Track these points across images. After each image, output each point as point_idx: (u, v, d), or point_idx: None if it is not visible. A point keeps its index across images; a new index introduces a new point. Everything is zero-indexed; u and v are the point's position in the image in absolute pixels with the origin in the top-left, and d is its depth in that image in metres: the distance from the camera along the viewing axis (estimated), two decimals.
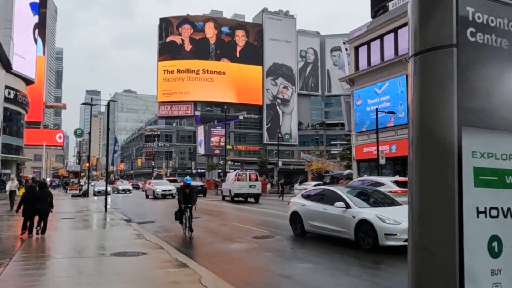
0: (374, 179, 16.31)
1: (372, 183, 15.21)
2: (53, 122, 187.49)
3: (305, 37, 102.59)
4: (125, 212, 19.56)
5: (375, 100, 25.78)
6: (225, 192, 29.41)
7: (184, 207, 11.68)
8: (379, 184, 14.79)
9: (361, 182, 16.62)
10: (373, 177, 17.74)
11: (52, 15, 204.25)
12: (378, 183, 15.01)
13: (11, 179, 20.97)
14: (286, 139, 58.76)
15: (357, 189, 11.88)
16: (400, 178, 16.29)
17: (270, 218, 16.84)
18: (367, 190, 11.74)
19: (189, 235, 11.45)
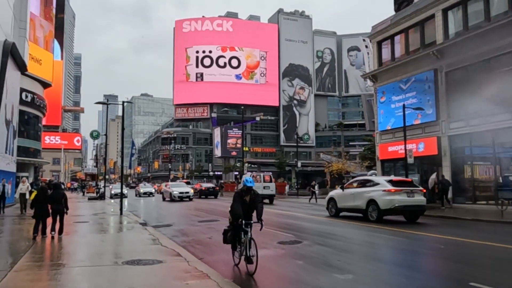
0: (370, 178, 17.24)
1: (370, 181, 16.23)
2: (72, 126, 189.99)
3: (321, 37, 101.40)
4: (141, 215, 18.84)
5: (400, 97, 24.52)
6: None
7: (245, 224, 7.24)
8: (375, 183, 15.63)
9: (359, 181, 17.56)
10: (370, 177, 18.75)
11: (70, 21, 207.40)
12: (373, 182, 15.90)
13: (22, 181, 19.74)
14: (306, 139, 57.70)
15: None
16: (394, 178, 16.77)
17: (293, 220, 15.85)
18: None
19: (249, 270, 7.06)
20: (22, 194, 18.96)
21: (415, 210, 14.87)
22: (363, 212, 15.40)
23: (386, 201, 14.42)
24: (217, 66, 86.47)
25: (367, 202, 15.06)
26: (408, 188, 15.04)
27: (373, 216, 14.74)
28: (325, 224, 14.67)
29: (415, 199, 14.76)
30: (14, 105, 24.42)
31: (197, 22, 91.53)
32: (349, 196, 16.31)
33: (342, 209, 16.78)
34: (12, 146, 24.56)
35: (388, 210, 14.43)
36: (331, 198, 17.60)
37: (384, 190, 14.64)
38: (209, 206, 25.38)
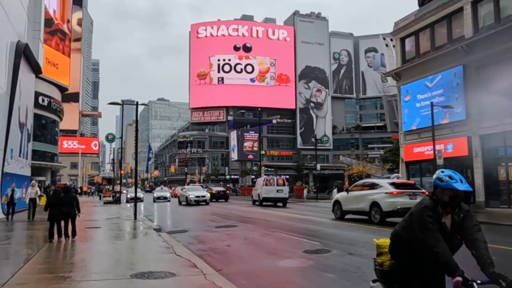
0: (373, 181, 17.37)
1: (373, 184, 16.36)
2: (90, 131, 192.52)
3: (338, 38, 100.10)
4: (155, 220, 18.08)
5: (426, 95, 23.28)
6: (255, 197, 30.85)
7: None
8: (377, 185, 15.80)
9: (362, 183, 17.68)
10: (373, 179, 18.78)
11: (88, 28, 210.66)
12: (376, 184, 16.04)
13: (31, 185, 18.39)
14: (325, 141, 56.58)
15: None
16: (397, 180, 17.03)
17: (316, 226, 14.83)
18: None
19: None
20: (31, 199, 17.81)
21: None
22: (366, 214, 15.54)
23: (388, 203, 14.61)
24: (235, 72, 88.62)
25: (370, 205, 15.26)
26: (411, 190, 15.14)
27: (376, 218, 14.93)
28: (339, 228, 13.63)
29: (417, 201, 13.86)
30: (28, 108, 24.05)
31: (213, 26, 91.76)
32: (353, 198, 16.53)
33: (347, 211, 16.98)
34: (26, 150, 24.17)
35: (391, 212, 14.55)
36: (336, 201, 17.80)
37: (386, 193, 14.84)
38: (225, 210, 24.53)
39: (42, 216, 17.05)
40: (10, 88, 19.24)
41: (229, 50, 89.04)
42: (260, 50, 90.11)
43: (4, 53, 18.75)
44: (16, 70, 19.54)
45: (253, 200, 31.76)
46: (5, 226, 15.75)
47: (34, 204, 17.78)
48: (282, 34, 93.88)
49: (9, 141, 19.28)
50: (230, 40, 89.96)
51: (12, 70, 19.45)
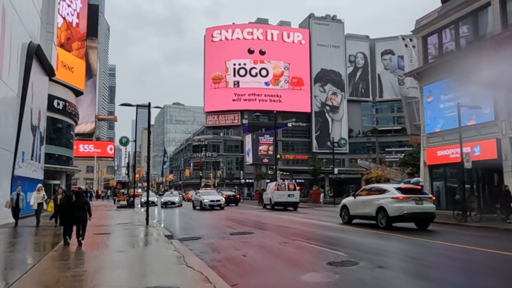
0: (380, 186, 17.36)
1: (379, 189, 16.41)
2: (106, 135, 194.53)
3: (353, 41, 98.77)
4: (168, 226, 17.39)
5: (451, 96, 22.16)
6: (266, 201, 31.62)
7: None
8: (384, 190, 15.83)
9: (369, 188, 17.71)
10: (379, 185, 18.65)
11: (105, 33, 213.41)
12: (383, 189, 16.07)
13: (37, 189, 16.84)
14: (342, 144, 55.49)
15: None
16: (404, 185, 16.64)
17: (338, 234, 13.92)
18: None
19: None
20: (38, 203, 16.73)
21: (424, 217, 15.02)
22: (373, 219, 15.58)
23: (394, 208, 14.62)
24: (250, 76, 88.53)
25: (377, 209, 15.29)
26: (417, 195, 15.10)
27: (382, 223, 14.96)
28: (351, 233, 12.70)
29: (424, 207, 14.89)
30: (41, 110, 23.74)
31: (228, 30, 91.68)
32: (360, 203, 16.58)
33: (354, 216, 17.02)
34: (39, 153, 23.84)
35: (397, 217, 14.62)
36: (344, 206, 17.86)
37: (392, 198, 14.86)
38: (240, 215, 23.76)
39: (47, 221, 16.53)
40: (22, 90, 18.87)
41: (244, 54, 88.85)
42: (274, 53, 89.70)
43: (16, 54, 18.40)
44: (27, 71, 19.19)
45: (264, 204, 32.63)
46: (11, 232, 15.07)
47: (40, 209, 16.83)
48: (297, 37, 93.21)
49: (21, 144, 18.90)
50: (244, 43, 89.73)
51: (23, 71, 19.09)
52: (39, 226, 16.21)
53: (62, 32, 44.27)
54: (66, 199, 11.36)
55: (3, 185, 16.76)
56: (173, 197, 36.67)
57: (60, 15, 42.53)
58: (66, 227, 11.05)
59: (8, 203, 15.84)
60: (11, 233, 14.80)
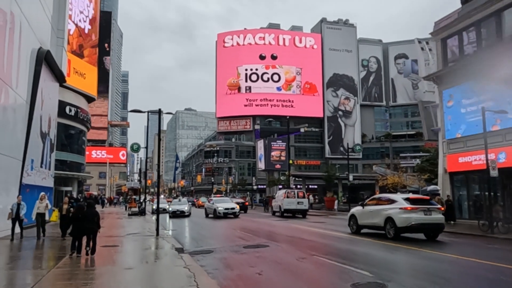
0: (388, 196, 17.21)
1: (388, 199, 16.31)
2: (119, 141, 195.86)
3: (366, 45, 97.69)
4: (178, 236, 16.73)
5: (473, 100, 21.22)
6: (275, 208, 32.18)
7: None
8: (392, 201, 15.74)
9: (378, 198, 17.64)
10: (387, 195, 18.51)
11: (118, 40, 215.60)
12: (391, 199, 15.97)
13: (40, 198, 15.50)
14: (357, 150, 54.33)
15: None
16: (412, 196, 16.67)
17: (359, 248, 13.11)
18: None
19: None
20: (40, 214, 15.13)
21: (432, 228, 14.92)
22: (381, 229, 15.51)
23: (402, 219, 14.53)
24: (262, 81, 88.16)
25: (385, 220, 15.21)
26: (425, 206, 14.93)
27: (391, 234, 14.86)
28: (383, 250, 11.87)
29: (432, 217, 14.74)
30: (51, 117, 23.42)
31: (239, 35, 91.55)
32: (369, 213, 16.53)
33: (363, 226, 16.96)
34: (49, 160, 23.48)
35: (405, 228, 14.53)
36: (352, 215, 17.78)
37: (400, 208, 14.77)
38: (252, 224, 23.03)
39: (53, 231, 15.90)
40: (31, 96, 18.51)
41: (256, 59, 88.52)
42: (286, 58, 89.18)
43: (25, 60, 18.06)
44: (36, 77, 18.83)
45: (273, 211, 33.18)
46: (8, 245, 13.79)
47: (43, 219, 15.34)
48: (309, 41, 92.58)
49: (29, 151, 18.51)
50: (256, 49, 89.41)
51: (32, 77, 18.74)
52: (40, 239, 14.93)
53: (74, 38, 44.30)
54: (78, 209, 11.37)
55: (10, 194, 16.29)
56: (182, 206, 32.83)
57: (72, 22, 42.57)
58: (75, 239, 11.01)
59: (9, 214, 14.56)
60: (13, 245, 13.89)
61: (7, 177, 16.45)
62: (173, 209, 31.70)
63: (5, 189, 16.09)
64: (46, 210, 15.45)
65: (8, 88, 16.11)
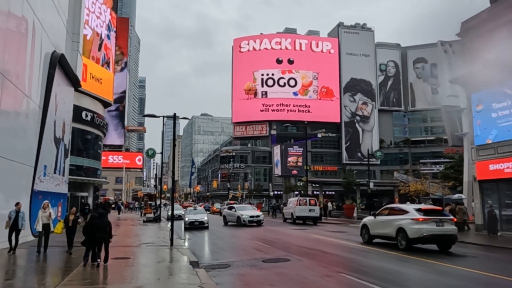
0: (400, 206, 17.11)
1: (399, 209, 16.20)
2: (136, 146, 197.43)
3: (384, 49, 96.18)
4: (194, 247, 15.96)
5: (505, 103, 19.99)
6: (287, 215, 33.26)
7: None
8: (404, 211, 15.57)
9: (390, 208, 17.42)
10: (399, 205, 18.37)
11: (135, 46, 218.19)
12: (403, 210, 15.81)
13: (42, 206, 13.89)
14: (378, 156, 53.14)
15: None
16: (424, 206, 16.57)
17: (386, 264, 12.10)
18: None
19: None
20: (44, 224, 13.43)
21: (445, 239, 14.73)
22: (393, 239, 15.41)
23: (414, 229, 14.38)
24: (278, 86, 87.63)
25: (397, 230, 15.11)
26: (438, 217, 14.75)
27: (402, 244, 14.73)
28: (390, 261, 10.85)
29: (444, 229, 14.56)
30: (66, 122, 23.03)
31: (255, 40, 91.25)
32: (380, 223, 16.45)
33: (374, 236, 16.88)
34: (63, 166, 23.06)
35: (416, 239, 14.36)
36: (364, 225, 17.71)
37: (412, 219, 14.62)
38: (268, 233, 22.05)
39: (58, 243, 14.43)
40: (44, 101, 18.08)
41: (272, 64, 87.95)
42: (303, 63, 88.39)
43: (38, 64, 17.65)
44: (50, 81, 18.40)
45: (285, 218, 34.34)
46: (6, 258, 12.29)
47: (47, 231, 13.56)
48: (326, 46, 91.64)
49: (42, 157, 18.04)
50: (272, 53, 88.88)
51: (46, 82, 18.32)
52: (40, 252, 13.20)
53: (91, 43, 44.27)
54: (91, 219, 11.36)
55: (21, 201, 15.70)
56: (200, 215, 27.61)
57: (89, 27, 42.57)
58: (88, 249, 11.01)
59: (7, 222, 12.96)
60: (10, 258, 12.51)
61: (19, 183, 15.97)
62: (190, 219, 26.61)
63: (16, 196, 15.52)
64: (50, 220, 13.70)
65: (20, 92, 15.67)
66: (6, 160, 14.49)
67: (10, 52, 14.43)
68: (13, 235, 13.18)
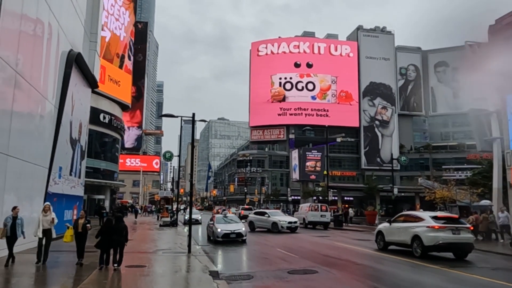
0: (416, 213, 17.16)
1: (415, 216, 16.10)
2: (153, 150, 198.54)
3: (404, 53, 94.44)
4: (212, 254, 15.09)
5: None
6: (299, 220, 32.76)
7: None
8: (419, 218, 15.49)
9: (406, 215, 17.30)
10: (415, 212, 18.59)
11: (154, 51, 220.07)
12: (419, 217, 15.70)
13: (43, 209, 11.94)
14: (403, 161, 51.49)
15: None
16: (440, 214, 16.34)
17: (415, 275, 11.02)
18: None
19: None
20: (45, 230, 11.50)
21: (461, 248, 14.54)
22: (408, 246, 15.31)
23: (430, 237, 14.26)
24: (296, 89, 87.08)
25: (412, 238, 15.01)
26: (454, 225, 14.64)
27: (418, 252, 14.63)
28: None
29: (461, 237, 14.41)
30: (82, 123, 22.56)
31: (273, 44, 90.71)
32: (396, 230, 16.41)
33: (390, 242, 16.79)
34: (79, 168, 22.57)
35: (432, 246, 14.22)
36: (379, 232, 17.66)
37: (428, 226, 14.53)
38: (292, 241, 21.02)
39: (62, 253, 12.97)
40: (59, 101, 17.55)
41: (290, 68, 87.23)
42: (321, 66, 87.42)
43: (54, 63, 17.14)
44: (66, 81, 17.89)
45: None
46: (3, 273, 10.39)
47: (49, 238, 11.62)
48: (345, 49, 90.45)
49: (57, 158, 17.49)
50: (291, 57, 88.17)
51: (62, 81, 17.81)
52: (44, 264, 11.38)
53: (110, 45, 44.21)
54: (107, 223, 11.31)
55: (34, 203, 15.20)
56: (235, 225, 20.89)
57: (108, 29, 42.55)
58: (103, 253, 10.96)
59: (2, 230, 10.96)
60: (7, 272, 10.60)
61: (32, 185, 15.40)
62: (224, 231, 19.82)
63: (29, 198, 15.00)
64: (51, 226, 11.76)
65: (35, 91, 15.14)
66: (19, 161, 13.94)
67: (24, 49, 13.90)
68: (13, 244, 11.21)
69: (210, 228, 21.48)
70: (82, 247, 11.62)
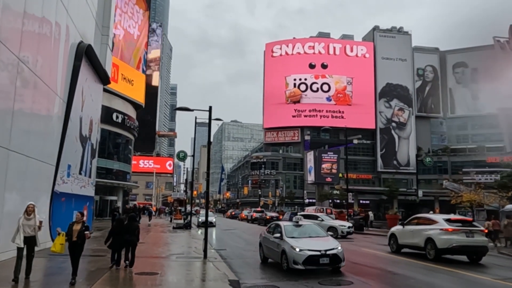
0: (429, 216, 16.92)
1: (428, 219, 15.93)
2: (167, 152, 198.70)
3: (422, 54, 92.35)
4: (230, 260, 13.82)
5: None
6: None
7: None
8: (433, 221, 15.38)
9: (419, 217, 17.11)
10: (428, 215, 18.09)
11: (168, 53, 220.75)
12: (432, 220, 15.58)
13: (26, 210, 8.98)
14: (428, 163, 49.91)
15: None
16: (453, 217, 16.27)
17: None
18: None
19: None
20: (26, 237, 8.75)
21: (475, 251, 14.32)
22: (421, 249, 15.15)
23: (443, 240, 14.10)
24: (311, 91, 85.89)
25: (425, 240, 14.84)
26: (467, 228, 14.47)
27: (431, 255, 14.47)
28: None
29: (475, 240, 14.20)
30: (93, 120, 21.57)
31: (288, 45, 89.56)
32: (409, 233, 16.23)
33: (403, 245, 16.66)
34: (89, 167, 21.57)
35: (446, 249, 14.08)
36: (392, 234, 17.53)
37: (441, 229, 14.39)
38: None
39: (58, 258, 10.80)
40: (68, 95, 16.54)
41: (305, 69, 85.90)
42: (336, 67, 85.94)
43: (62, 55, 16.15)
44: (75, 74, 16.88)
45: None
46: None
47: (31, 247, 8.93)
48: (360, 50, 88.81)
49: (65, 155, 16.46)
50: (305, 58, 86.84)
51: (71, 74, 16.81)
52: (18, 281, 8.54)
53: (124, 44, 43.47)
54: (118, 223, 11.29)
55: (40, 202, 14.13)
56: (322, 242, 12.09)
57: (121, 27, 41.83)
58: (114, 252, 10.97)
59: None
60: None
61: (38, 184, 14.37)
62: (306, 252, 11.12)
63: (34, 197, 13.90)
64: (36, 232, 8.93)
65: (41, 82, 14.13)
66: (23, 157, 12.92)
67: (29, 38, 12.88)
68: None
69: (271, 244, 12.85)
70: (76, 262, 8.95)
